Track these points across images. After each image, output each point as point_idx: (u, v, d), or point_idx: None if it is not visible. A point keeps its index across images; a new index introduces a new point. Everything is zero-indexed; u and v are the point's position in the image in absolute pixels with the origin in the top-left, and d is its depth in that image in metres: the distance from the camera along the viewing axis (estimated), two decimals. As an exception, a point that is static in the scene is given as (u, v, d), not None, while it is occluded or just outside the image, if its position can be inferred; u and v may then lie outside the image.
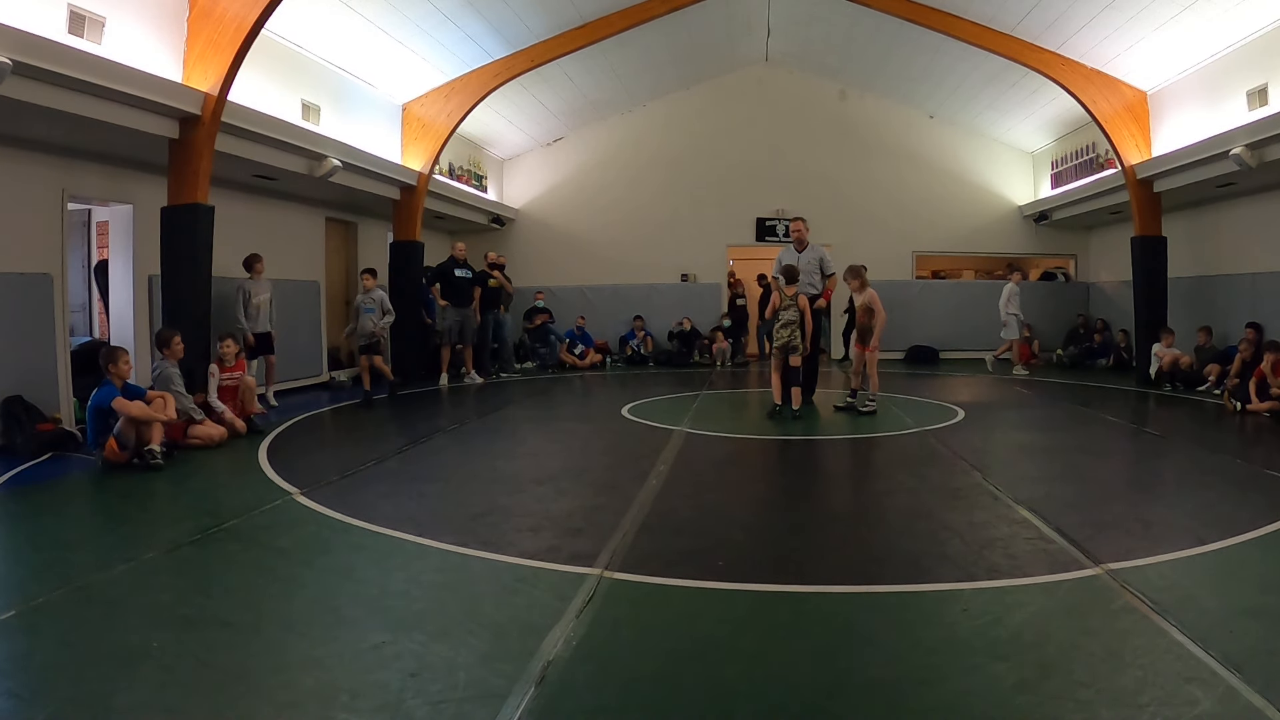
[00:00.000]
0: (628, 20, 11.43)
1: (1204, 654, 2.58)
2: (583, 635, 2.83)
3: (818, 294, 8.73)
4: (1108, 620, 2.94)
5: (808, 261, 8.70)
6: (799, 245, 8.85)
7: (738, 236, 16.00)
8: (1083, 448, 6.56)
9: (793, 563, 3.72)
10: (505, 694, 2.39)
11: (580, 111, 15.31)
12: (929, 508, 4.63)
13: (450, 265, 11.42)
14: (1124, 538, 3.93)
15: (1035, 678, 2.49)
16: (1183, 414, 8.56)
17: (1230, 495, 4.85)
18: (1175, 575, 3.39)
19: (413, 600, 3.22)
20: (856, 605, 3.20)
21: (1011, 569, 3.49)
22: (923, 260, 16.24)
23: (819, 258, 8.84)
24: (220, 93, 7.31)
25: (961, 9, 10.75)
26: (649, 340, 15.25)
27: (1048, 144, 15.02)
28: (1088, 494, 4.99)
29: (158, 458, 5.70)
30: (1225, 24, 8.97)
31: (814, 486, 5.66)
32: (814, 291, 8.68)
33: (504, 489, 5.16)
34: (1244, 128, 8.84)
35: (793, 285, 8.14)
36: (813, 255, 8.82)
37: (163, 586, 3.36)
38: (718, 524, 4.40)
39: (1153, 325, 11.00)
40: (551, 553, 3.75)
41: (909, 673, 2.57)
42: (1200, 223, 11.70)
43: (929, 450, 6.38)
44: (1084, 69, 10.83)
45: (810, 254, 8.81)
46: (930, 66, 13.39)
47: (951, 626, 2.96)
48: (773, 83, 15.72)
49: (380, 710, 2.32)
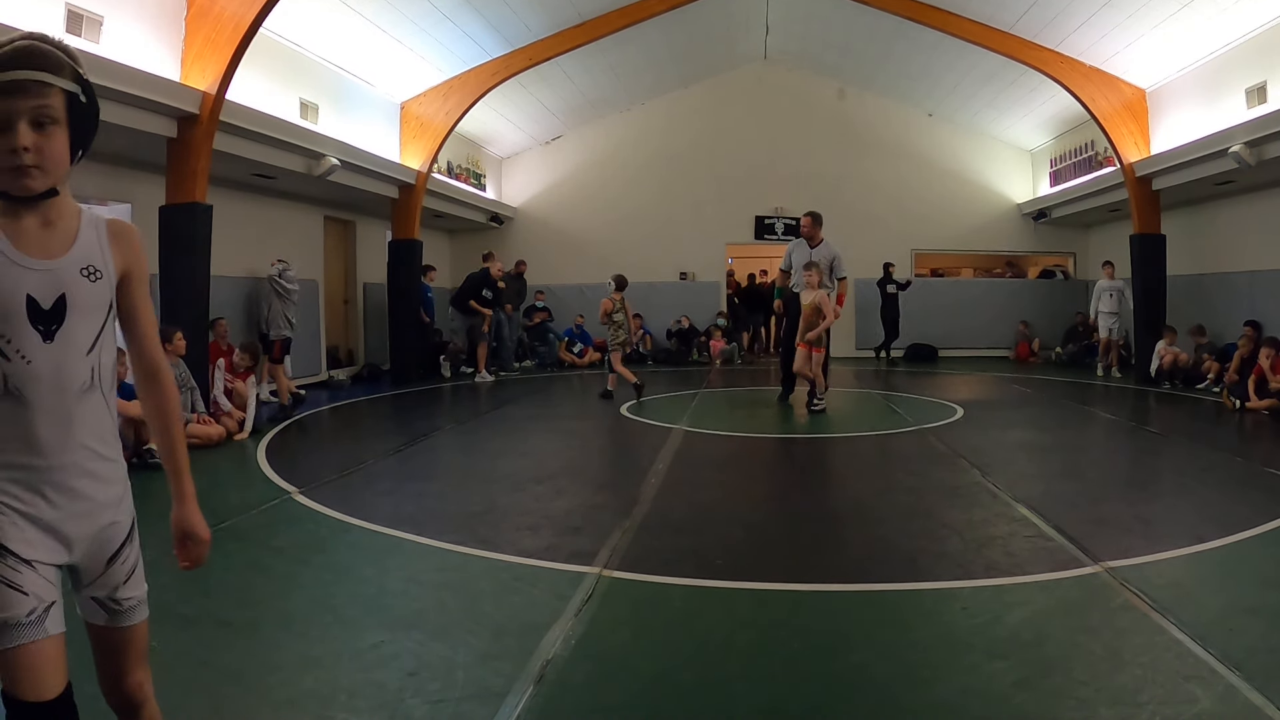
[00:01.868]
0: (626, 19, 11.42)
1: (1203, 652, 2.58)
2: (582, 634, 2.83)
3: (829, 293, 8.45)
4: (1107, 618, 2.94)
5: (821, 257, 8.51)
6: (810, 240, 8.67)
7: (736, 235, 15.99)
8: (1082, 445, 6.56)
9: (791, 561, 3.72)
10: (504, 693, 2.39)
11: (579, 110, 15.29)
12: (928, 506, 4.63)
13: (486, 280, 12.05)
14: (1123, 536, 3.92)
15: (1034, 676, 2.49)
16: (1181, 412, 8.56)
17: (1229, 493, 4.85)
18: (1174, 573, 3.39)
19: (411, 599, 3.22)
20: (855, 604, 3.20)
21: (1011, 567, 3.49)
22: (922, 258, 16.25)
23: (833, 256, 8.61)
24: (218, 92, 7.30)
25: (960, 7, 10.74)
26: (648, 339, 15.24)
27: (1046, 142, 15.02)
28: (1087, 492, 4.99)
29: (156, 456, 5.67)
30: (1224, 22, 8.96)
31: (813, 485, 5.66)
32: (825, 290, 8.40)
33: (503, 488, 5.16)
34: (1243, 125, 8.84)
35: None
36: (826, 252, 8.59)
37: (161, 585, 3.34)
38: (717, 523, 4.40)
39: (1151, 323, 11.00)
40: (550, 551, 3.75)
41: (908, 671, 2.57)
42: (1199, 220, 11.70)
43: (928, 448, 6.38)
44: (1083, 67, 10.83)
45: (824, 250, 8.60)
46: (929, 65, 13.39)
47: (950, 625, 2.96)
48: (771, 81, 15.71)
49: (379, 709, 2.31)
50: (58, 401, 1.39)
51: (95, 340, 1.44)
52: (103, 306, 1.46)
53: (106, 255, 1.47)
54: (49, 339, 1.38)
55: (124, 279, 1.51)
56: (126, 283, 1.51)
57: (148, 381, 1.57)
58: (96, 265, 1.45)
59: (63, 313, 1.39)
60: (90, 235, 1.47)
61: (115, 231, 1.51)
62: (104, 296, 1.46)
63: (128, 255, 1.52)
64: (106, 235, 1.49)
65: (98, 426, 1.45)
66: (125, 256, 1.51)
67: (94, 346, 1.44)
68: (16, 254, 1.37)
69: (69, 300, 1.40)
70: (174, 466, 1.60)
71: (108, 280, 1.47)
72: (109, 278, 1.47)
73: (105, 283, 1.46)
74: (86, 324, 1.43)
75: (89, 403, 1.43)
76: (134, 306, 1.53)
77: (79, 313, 1.41)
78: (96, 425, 1.45)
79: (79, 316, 1.41)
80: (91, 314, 1.44)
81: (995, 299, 15.72)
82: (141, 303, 1.55)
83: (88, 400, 1.43)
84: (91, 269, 1.44)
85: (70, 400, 1.40)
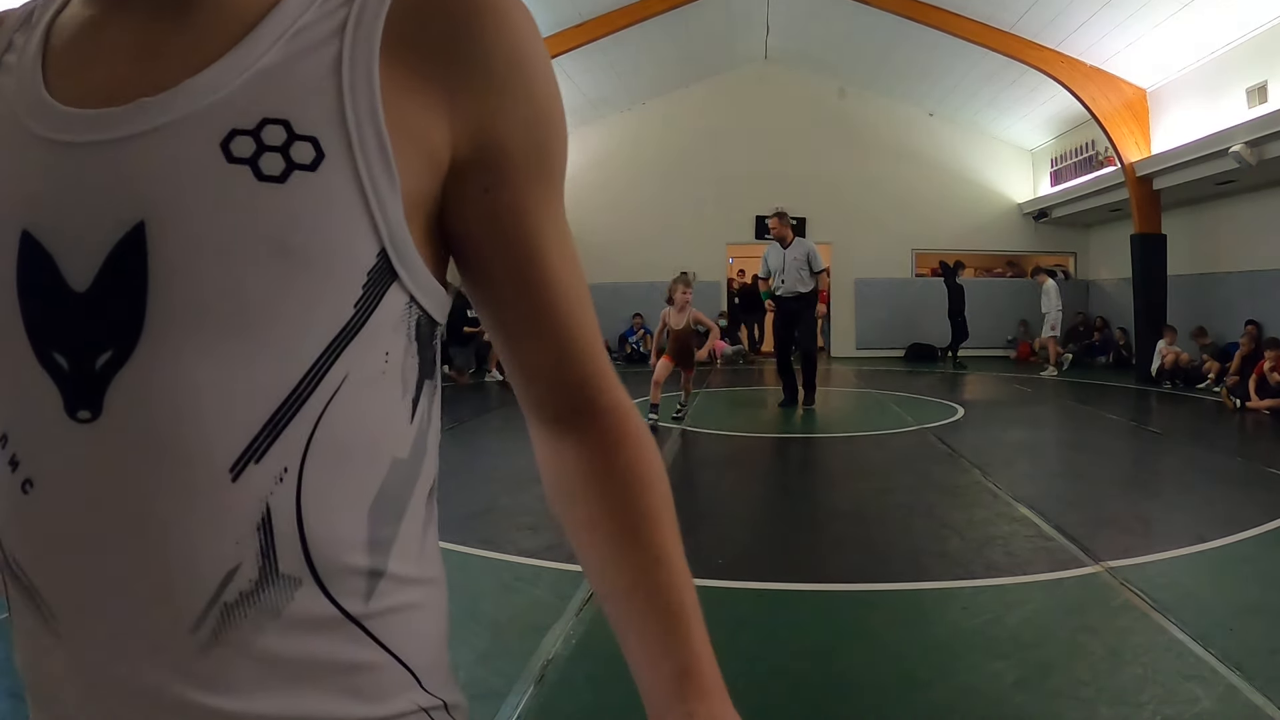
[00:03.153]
0: (626, 18, 11.41)
1: (1204, 652, 2.57)
2: (582, 633, 2.83)
3: (807, 292, 8.35)
4: (1108, 618, 2.94)
5: (794, 259, 8.29)
6: (782, 241, 8.37)
7: (737, 234, 15.99)
8: (1082, 445, 6.56)
9: (792, 561, 3.72)
10: (505, 692, 2.39)
11: (579, 110, 15.28)
12: (929, 505, 4.62)
13: None
14: (1124, 535, 3.92)
15: (1035, 676, 2.49)
16: (1182, 412, 8.56)
17: (1230, 493, 4.85)
18: (1175, 573, 3.39)
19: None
20: (856, 603, 3.20)
21: (1011, 567, 3.49)
22: (922, 258, 16.24)
23: (806, 253, 8.35)
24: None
25: (960, 6, 10.73)
26: (648, 338, 15.24)
27: (1047, 141, 15.01)
28: (1087, 492, 4.99)
29: None
30: (1225, 21, 8.96)
31: (813, 484, 5.66)
32: (804, 289, 8.34)
33: (503, 487, 5.16)
34: (1243, 125, 8.83)
35: None
36: (799, 251, 8.33)
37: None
38: (717, 522, 4.40)
39: (1152, 323, 11.00)
40: (551, 551, 3.75)
41: (909, 671, 2.57)
42: (1199, 220, 11.69)
43: (928, 448, 6.37)
44: (1083, 66, 10.82)
45: (796, 250, 8.33)
46: (929, 64, 13.38)
47: (951, 624, 2.95)
48: (772, 80, 15.70)
49: (379, 709, 2.31)
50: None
51: (285, 406, 0.45)
52: (336, 272, 0.46)
53: (373, 73, 0.47)
54: (83, 412, 0.44)
55: (478, 163, 0.52)
56: (489, 175, 0.52)
57: (575, 430, 0.60)
58: (312, 116, 0.46)
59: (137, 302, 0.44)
60: (316, 15, 0.48)
61: (432, 3, 0.49)
62: (345, 234, 0.46)
63: (493, 88, 0.51)
64: (388, 14, 0.48)
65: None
66: (481, 91, 0.50)
67: (291, 405, 0.46)
68: (38, 99, 0.48)
69: (160, 247, 0.44)
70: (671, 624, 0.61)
71: (371, 161, 0.47)
72: (372, 150, 0.47)
73: (356, 168, 0.46)
74: (250, 349, 0.45)
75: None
76: (522, 245, 0.56)
77: (211, 305, 0.44)
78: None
79: (207, 324, 0.44)
80: (277, 304, 0.45)
81: (996, 299, 15.71)
82: (542, 241, 0.57)
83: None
84: (287, 126, 0.45)
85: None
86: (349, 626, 0.49)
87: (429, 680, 0.54)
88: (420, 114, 0.49)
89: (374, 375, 0.49)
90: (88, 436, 0.44)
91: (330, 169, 0.45)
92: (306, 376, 0.46)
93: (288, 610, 0.46)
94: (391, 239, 0.48)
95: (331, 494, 0.47)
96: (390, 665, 0.51)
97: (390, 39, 0.48)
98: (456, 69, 0.49)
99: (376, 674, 0.50)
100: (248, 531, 0.45)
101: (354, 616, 0.49)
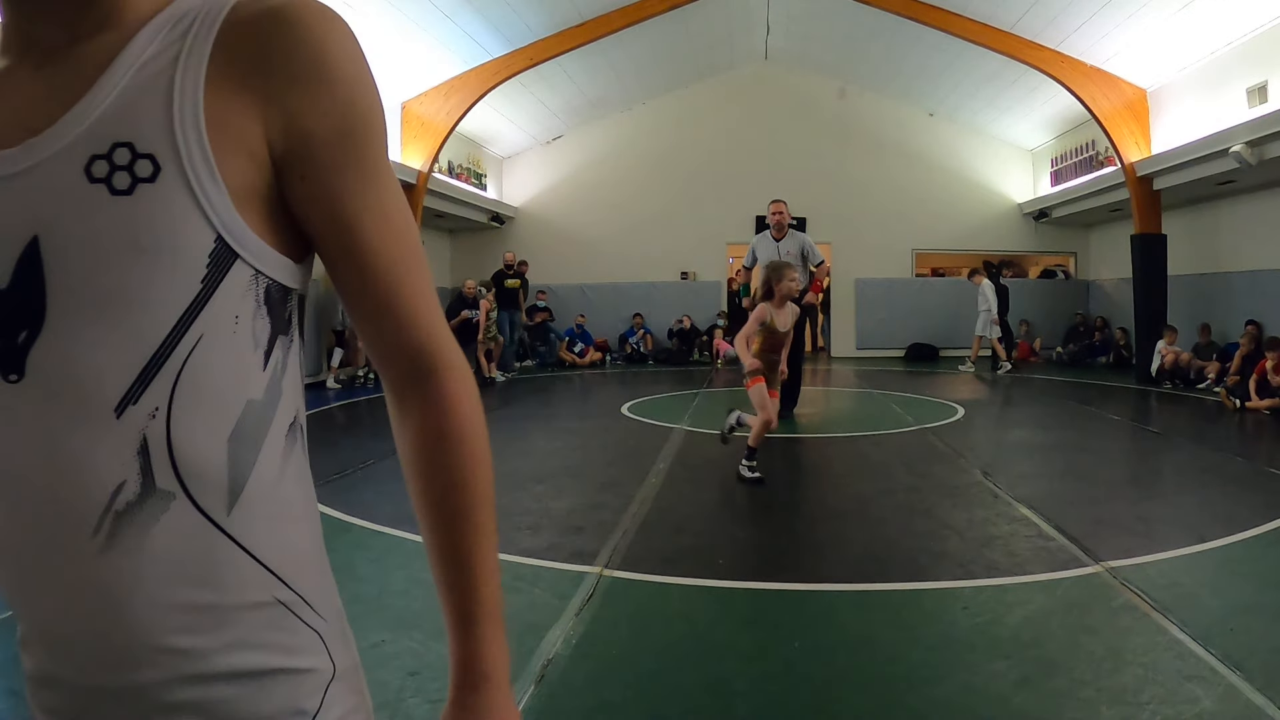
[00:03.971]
0: (627, 18, 11.42)
1: (1204, 652, 2.58)
2: (582, 633, 2.83)
3: (804, 287, 7.80)
4: (1108, 618, 2.94)
5: (787, 252, 7.63)
6: (777, 231, 7.81)
7: (737, 234, 15.95)
8: (1082, 445, 6.56)
9: (792, 561, 3.72)
10: (505, 693, 2.39)
11: (580, 110, 15.29)
12: (929, 506, 4.63)
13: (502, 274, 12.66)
14: (1124, 536, 3.92)
15: (1035, 676, 2.49)
16: (1182, 411, 8.56)
17: (1230, 493, 4.85)
18: (1175, 573, 3.39)
19: (412, 599, 3.21)
20: (856, 603, 3.20)
21: (1012, 567, 3.49)
22: (922, 258, 16.24)
23: (801, 246, 7.78)
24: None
25: (960, 6, 10.73)
26: (649, 338, 15.25)
27: (1047, 141, 15.01)
28: (1088, 492, 4.99)
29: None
30: (1224, 21, 8.96)
31: (813, 484, 5.66)
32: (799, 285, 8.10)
33: (503, 487, 5.16)
34: (1244, 125, 8.83)
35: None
36: (793, 244, 7.76)
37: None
38: (717, 522, 4.40)
39: (1152, 323, 11.00)
40: (551, 551, 3.75)
41: (909, 671, 2.57)
42: (1200, 220, 11.69)
43: (929, 448, 6.37)
44: (1083, 66, 10.82)
45: (790, 243, 7.77)
46: (929, 64, 13.38)
47: (951, 625, 2.96)
48: (772, 80, 15.71)
49: (379, 709, 2.31)
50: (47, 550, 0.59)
51: (152, 362, 0.58)
52: (181, 258, 0.58)
53: (198, 101, 0.59)
54: (11, 375, 0.58)
55: (291, 154, 0.62)
56: (302, 164, 0.62)
57: (406, 398, 0.70)
58: (148, 136, 0.58)
59: (39, 294, 0.58)
60: (156, 50, 0.60)
61: (247, 25, 0.60)
62: (184, 229, 0.58)
63: (295, 89, 0.61)
64: (215, 40, 0.60)
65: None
66: (284, 92, 0.61)
67: (144, 384, 0.58)
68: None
69: (51, 253, 0.58)
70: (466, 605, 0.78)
71: (196, 168, 0.58)
72: (196, 159, 0.58)
73: (184, 182, 0.58)
74: (122, 322, 0.58)
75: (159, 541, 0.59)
76: (341, 224, 0.64)
77: (90, 292, 0.57)
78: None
79: (89, 306, 0.58)
80: (138, 288, 0.58)
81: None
82: (362, 219, 0.65)
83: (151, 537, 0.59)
84: (131, 148, 0.57)
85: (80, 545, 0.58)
86: (214, 532, 0.61)
87: (295, 582, 0.66)
88: (240, 120, 0.60)
89: (225, 334, 0.61)
90: (14, 392, 0.59)
91: (166, 179, 0.58)
92: (168, 338, 0.59)
93: (165, 517, 0.59)
94: (225, 227, 0.60)
95: (195, 426, 0.60)
96: (249, 564, 0.63)
97: (217, 60, 0.60)
98: (267, 77, 0.61)
99: (239, 570, 0.62)
100: (130, 455, 0.58)
101: (219, 524, 0.61)
